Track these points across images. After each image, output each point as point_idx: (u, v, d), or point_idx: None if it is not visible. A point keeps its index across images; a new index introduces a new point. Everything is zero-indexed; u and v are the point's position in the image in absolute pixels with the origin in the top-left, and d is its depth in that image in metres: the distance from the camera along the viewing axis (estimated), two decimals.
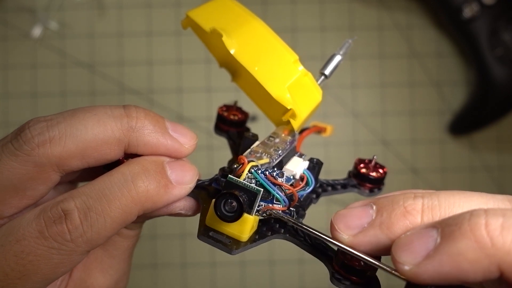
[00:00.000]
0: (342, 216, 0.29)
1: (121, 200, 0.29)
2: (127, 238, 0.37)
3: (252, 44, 0.36)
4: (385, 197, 0.28)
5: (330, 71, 0.39)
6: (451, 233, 0.24)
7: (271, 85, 0.35)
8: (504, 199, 0.26)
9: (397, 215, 0.27)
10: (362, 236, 0.28)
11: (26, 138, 0.29)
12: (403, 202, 0.27)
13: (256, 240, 0.32)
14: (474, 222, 0.23)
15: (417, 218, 0.26)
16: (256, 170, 0.32)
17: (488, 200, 0.26)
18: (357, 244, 0.28)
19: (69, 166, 0.30)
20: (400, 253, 0.25)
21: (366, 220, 0.28)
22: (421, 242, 0.25)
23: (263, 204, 0.32)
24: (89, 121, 0.31)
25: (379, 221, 0.27)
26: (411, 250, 0.25)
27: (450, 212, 0.26)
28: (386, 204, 0.28)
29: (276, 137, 0.37)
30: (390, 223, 0.27)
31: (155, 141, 0.32)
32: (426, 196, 0.27)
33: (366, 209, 0.28)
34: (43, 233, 0.28)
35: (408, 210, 0.27)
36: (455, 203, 0.26)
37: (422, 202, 0.27)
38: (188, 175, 0.32)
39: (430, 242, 0.24)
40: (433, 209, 0.26)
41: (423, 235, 0.25)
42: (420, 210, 0.27)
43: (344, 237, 0.28)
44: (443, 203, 0.26)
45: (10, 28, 0.80)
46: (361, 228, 0.28)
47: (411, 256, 0.25)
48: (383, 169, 0.39)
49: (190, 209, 0.34)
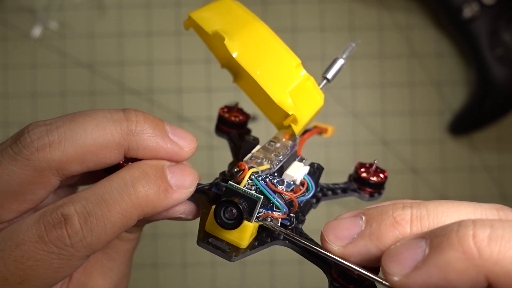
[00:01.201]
0: (332, 228, 0.29)
1: (121, 204, 0.29)
2: (127, 241, 0.37)
3: (255, 47, 0.36)
4: (374, 207, 0.29)
5: (333, 75, 0.39)
6: (439, 244, 0.24)
7: (273, 90, 0.35)
8: (492, 208, 0.27)
9: (387, 226, 0.27)
10: (352, 247, 0.28)
11: (25, 142, 0.29)
12: (392, 212, 0.27)
13: (255, 246, 0.32)
14: (462, 233, 0.23)
15: (406, 228, 0.27)
16: (256, 177, 0.32)
17: (476, 209, 0.27)
18: (348, 255, 0.28)
19: (69, 170, 0.30)
20: (389, 264, 0.25)
21: (356, 231, 0.28)
22: (410, 253, 0.25)
23: (263, 211, 0.32)
24: (88, 125, 0.30)
25: (369, 231, 0.27)
26: (400, 261, 0.25)
27: (439, 221, 0.26)
28: (375, 214, 0.28)
29: (277, 142, 0.37)
30: (379, 233, 0.27)
31: (154, 144, 0.32)
32: (415, 206, 0.27)
33: (355, 220, 0.28)
34: (43, 238, 0.28)
35: (397, 220, 0.27)
36: (443, 213, 0.27)
37: (411, 212, 0.27)
38: (188, 180, 0.32)
39: (419, 253, 0.24)
40: (422, 219, 0.27)
41: (412, 246, 0.25)
42: (409, 220, 0.27)
43: (334, 248, 0.28)
44: (431, 212, 0.27)
45: (10, 28, 0.80)
46: (351, 239, 0.28)
47: (400, 267, 0.25)
48: (384, 173, 0.39)
49: (190, 213, 0.34)
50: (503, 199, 0.80)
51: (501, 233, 0.23)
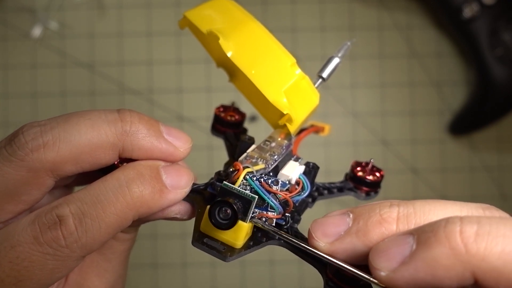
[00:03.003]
0: (319, 224, 0.29)
1: (116, 205, 0.29)
2: (123, 242, 0.37)
3: (249, 47, 0.36)
4: (362, 206, 0.29)
5: (328, 74, 0.39)
6: (427, 239, 0.24)
7: (267, 89, 0.35)
8: (478, 207, 0.27)
9: (373, 223, 0.27)
10: (338, 244, 0.28)
11: (20, 143, 0.29)
12: (379, 210, 0.28)
13: (250, 246, 0.32)
14: (449, 229, 0.23)
15: (392, 225, 0.27)
16: (251, 177, 0.32)
17: (462, 208, 0.27)
18: (334, 252, 0.28)
19: (63, 171, 0.30)
20: (377, 259, 0.25)
21: (343, 228, 0.28)
22: (397, 248, 0.25)
23: (258, 211, 0.32)
24: (83, 126, 0.30)
25: (356, 228, 0.28)
26: (388, 256, 0.25)
27: (425, 219, 0.27)
28: (362, 212, 0.28)
29: (272, 141, 0.37)
30: (366, 230, 0.27)
31: (149, 145, 0.32)
32: (402, 205, 0.27)
33: (343, 217, 0.29)
34: (38, 239, 0.28)
35: (384, 217, 0.27)
36: (430, 211, 0.27)
37: (397, 210, 0.27)
38: (183, 180, 0.32)
39: (406, 248, 0.25)
40: (408, 217, 0.27)
41: (400, 242, 0.25)
42: (395, 218, 0.27)
43: (321, 244, 0.28)
44: (418, 211, 0.27)
45: (10, 28, 0.80)
46: (338, 235, 0.28)
47: (387, 262, 0.25)
48: (380, 172, 0.39)
49: (186, 213, 0.34)
50: (503, 199, 0.80)
51: (488, 229, 0.23)
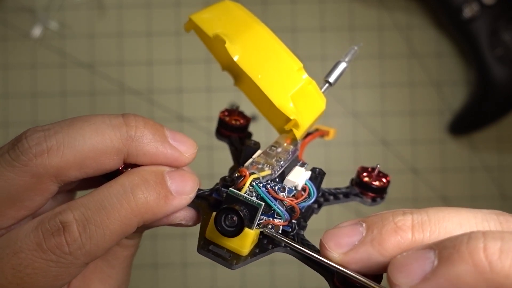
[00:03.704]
0: (331, 235, 0.28)
1: (121, 212, 0.29)
2: (126, 248, 0.37)
3: (256, 51, 0.35)
4: (373, 215, 0.28)
5: (335, 78, 0.38)
6: (449, 256, 0.23)
7: (274, 94, 0.34)
8: (492, 213, 0.26)
9: (388, 231, 0.27)
10: (353, 254, 0.27)
11: (23, 148, 0.29)
12: (393, 218, 0.27)
13: (256, 254, 0.31)
14: (472, 246, 0.23)
15: (408, 233, 0.26)
16: (257, 183, 0.31)
17: (476, 214, 0.26)
18: (349, 262, 0.28)
19: (67, 176, 0.30)
20: (397, 275, 0.25)
21: (357, 238, 0.27)
22: (418, 264, 0.24)
23: (264, 218, 0.31)
24: (87, 131, 0.30)
25: (370, 237, 0.27)
26: (408, 272, 0.24)
27: (440, 227, 0.26)
28: (376, 221, 0.27)
29: (278, 147, 0.36)
30: (381, 239, 0.27)
31: (154, 150, 0.32)
32: (415, 212, 0.27)
33: (356, 227, 0.28)
34: (41, 245, 0.28)
35: (399, 225, 0.27)
36: (444, 218, 0.26)
37: (412, 218, 0.27)
38: (188, 185, 0.32)
39: (427, 264, 0.24)
40: (423, 225, 0.26)
41: (420, 257, 0.25)
42: (410, 226, 0.26)
43: (335, 255, 0.28)
44: (432, 218, 0.26)
45: (10, 28, 0.80)
46: (352, 245, 0.27)
47: (408, 278, 0.24)
48: (387, 177, 0.39)
49: (191, 219, 0.34)
50: (503, 199, 0.80)
51: None
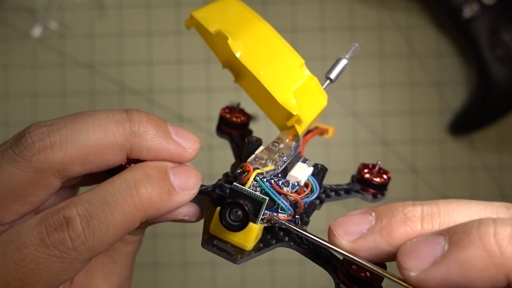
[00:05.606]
0: (341, 223, 0.29)
1: (124, 207, 0.29)
2: (129, 244, 0.37)
3: (258, 47, 0.35)
4: (383, 205, 0.29)
5: (336, 75, 0.38)
6: (460, 240, 0.24)
7: (276, 90, 0.34)
8: (502, 206, 0.27)
9: (397, 221, 0.27)
10: (361, 242, 0.28)
11: (26, 143, 0.29)
12: (402, 208, 0.27)
13: (260, 248, 0.31)
14: (483, 231, 0.23)
15: (417, 224, 0.26)
16: (261, 178, 0.31)
17: (486, 207, 0.27)
18: (357, 250, 0.28)
19: (70, 172, 0.30)
20: (407, 259, 0.25)
21: (366, 227, 0.28)
22: (428, 248, 0.25)
23: (268, 213, 0.31)
24: (90, 126, 0.30)
25: (379, 226, 0.27)
26: (418, 256, 0.25)
27: (449, 219, 0.26)
28: (385, 211, 0.28)
29: (281, 143, 0.36)
30: (390, 228, 0.27)
31: (157, 146, 0.32)
32: (425, 204, 0.27)
33: (365, 216, 0.28)
34: (45, 241, 0.28)
35: (408, 216, 0.27)
36: (454, 210, 0.26)
37: (421, 209, 0.27)
38: (191, 181, 0.32)
39: (438, 249, 0.24)
40: (432, 216, 0.27)
41: (430, 242, 0.25)
42: (419, 217, 0.27)
43: (343, 242, 0.28)
44: (442, 210, 0.27)
45: (10, 28, 0.80)
46: (361, 234, 0.28)
47: (418, 262, 0.25)
48: (387, 174, 0.39)
49: (194, 215, 0.34)
50: (503, 199, 0.80)
51: None
